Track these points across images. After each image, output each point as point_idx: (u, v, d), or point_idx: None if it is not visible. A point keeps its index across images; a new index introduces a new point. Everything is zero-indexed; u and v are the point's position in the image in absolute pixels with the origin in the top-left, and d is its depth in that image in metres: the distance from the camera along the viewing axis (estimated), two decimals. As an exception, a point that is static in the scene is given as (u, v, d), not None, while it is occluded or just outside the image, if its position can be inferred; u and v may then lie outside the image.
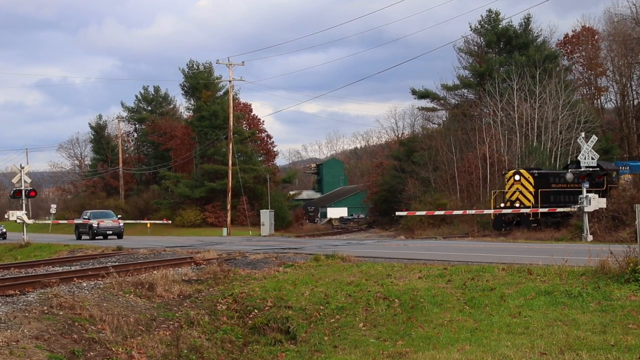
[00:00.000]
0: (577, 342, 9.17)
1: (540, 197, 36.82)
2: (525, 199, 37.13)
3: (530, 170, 38.34)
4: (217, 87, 78.18)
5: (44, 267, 20.50)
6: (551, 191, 37.80)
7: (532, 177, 37.35)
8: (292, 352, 11.69)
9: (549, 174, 39.54)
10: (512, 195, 37.86)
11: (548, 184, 38.00)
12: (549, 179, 38.49)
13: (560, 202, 37.83)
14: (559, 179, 38.83)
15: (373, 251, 22.49)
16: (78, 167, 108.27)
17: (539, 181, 37.37)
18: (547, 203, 36.73)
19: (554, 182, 38.48)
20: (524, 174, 37.72)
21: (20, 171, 36.77)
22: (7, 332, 10.56)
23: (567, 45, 66.39)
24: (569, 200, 37.79)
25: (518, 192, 37.49)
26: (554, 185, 38.26)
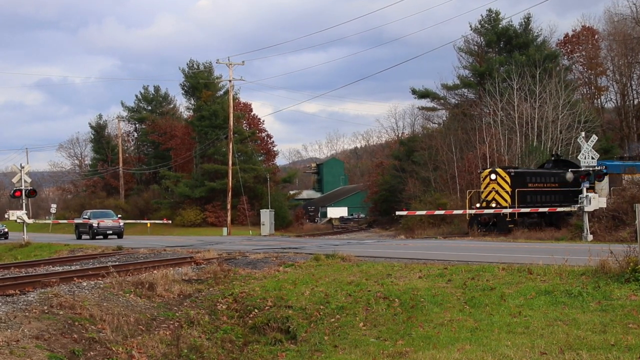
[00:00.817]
0: (577, 342, 9.17)
1: (517, 197, 35.79)
2: (501, 199, 36.01)
3: (506, 169, 37.28)
4: (217, 87, 78.16)
5: (44, 267, 20.50)
6: (528, 191, 36.83)
7: (509, 176, 36.21)
8: (292, 351, 11.70)
9: (525, 172, 38.61)
10: (487, 195, 36.72)
11: (525, 183, 36.96)
12: (526, 178, 37.46)
13: (537, 202, 36.94)
14: (536, 178, 37.97)
15: (373, 251, 22.49)
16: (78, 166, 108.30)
17: (515, 180, 36.29)
18: (523, 203, 35.81)
19: (530, 181, 37.51)
20: (500, 173, 36.56)
21: (20, 171, 36.76)
22: (7, 332, 10.57)
23: (567, 45, 66.40)
24: (546, 200, 37.25)
25: (494, 192, 36.36)
26: (531, 184, 37.31)
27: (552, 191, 37.90)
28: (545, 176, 38.61)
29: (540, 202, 36.94)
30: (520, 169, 39.75)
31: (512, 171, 36.65)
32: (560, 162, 40.52)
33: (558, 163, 40.31)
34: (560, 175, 38.21)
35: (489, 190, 36.56)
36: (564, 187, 37.73)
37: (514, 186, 35.88)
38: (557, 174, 38.53)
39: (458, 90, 65.34)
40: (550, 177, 38.63)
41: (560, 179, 38.10)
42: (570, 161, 40.83)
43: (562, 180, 37.87)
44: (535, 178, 37.83)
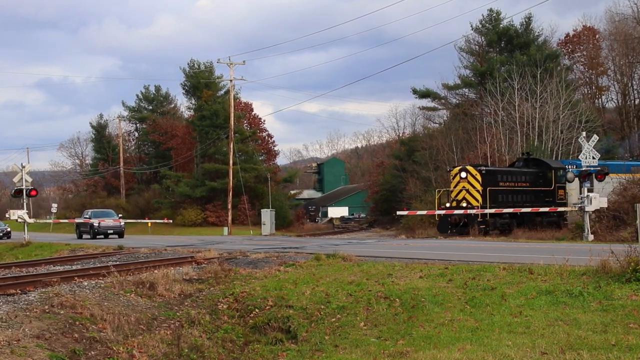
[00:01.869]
0: (578, 342, 9.17)
1: (489, 196, 34.58)
2: (472, 198, 34.73)
3: (477, 167, 35.78)
4: (218, 87, 78.17)
5: (45, 266, 20.51)
6: (499, 190, 35.65)
7: (480, 174, 34.86)
8: (293, 351, 11.70)
9: (497, 171, 37.48)
10: (458, 194, 35.35)
11: (496, 182, 35.71)
12: (497, 177, 36.21)
13: (508, 201, 35.90)
14: (507, 177, 36.81)
15: (374, 250, 22.49)
16: (79, 166, 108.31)
17: (486, 179, 35.01)
18: (495, 203, 34.70)
19: (502, 180, 36.28)
20: (471, 171, 35.11)
21: (21, 170, 36.78)
22: (8, 331, 10.57)
23: (568, 45, 66.38)
24: (518, 200, 36.28)
25: (464, 191, 34.97)
26: (502, 183, 36.11)
27: (524, 190, 37.04)
28: (517, 175, 37.53)
29: (512, 201, 35.97)
30: (492, 167, 38.85)
31: (483, 169, 35.51)
32: (530, 160, 39.63)
33: (528, 162, 39.43)
34: (532, 174, 37.67)
35: (459, 189, 35.33)
36: (535, 187, 37.28)
37: (485, 185, 34.75)
38: (529, 172, 37.88)
39: (459, 90, 65.32)
40: (522, 176, 37.63)
41: (531, 178, 37.52)
42: (541, 160, 40.26)
43: (533, 179, 37.41)
44: (506, 177, 36.74)
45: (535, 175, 37.98)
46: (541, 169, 38.45)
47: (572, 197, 38.01)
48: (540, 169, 38.41)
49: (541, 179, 38.02)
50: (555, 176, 37.92)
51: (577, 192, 37.93)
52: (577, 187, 38.05)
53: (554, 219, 37.61)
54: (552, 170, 38.07)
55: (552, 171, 38.06)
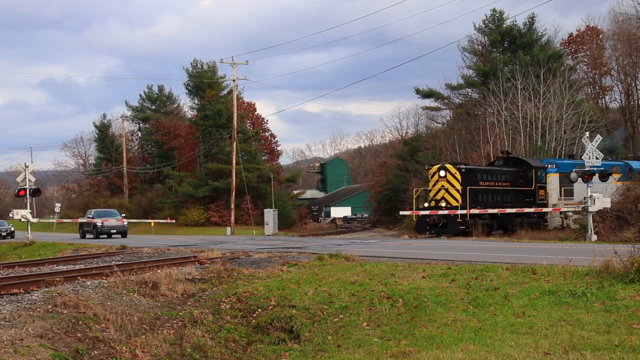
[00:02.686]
0: (581, 342, 9.16)
1: (469, 196, 33.36)
2: (451, 198, 33.48)
3: (456, 165, 34.47)
4: (221, 87, 78.19)
5: (48, 266, 20.53)
6: (479, 189, 34.50)
7: (459, 173, 33.61)
8: (295, 351, 11.70)
9: (477, 169, 36.26)
10: (436, 194, 34.02)
11: (476, 181, 34.53)
12: (477, 176, 34.97)
13: (488, 201, 34.91)
14: (487, 176, 35.69)
15: (377, 250, 22.49)
16: (82, 166, 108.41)
17: (466, 178, 33.77)
18: (475, 203, 33.64)
19: (482, 179, 35.15)
20: (450, 169, 33.80)
21: (24, 170, 36.83)
22: (11, 331, 10.59)
23: (572, 45, 66.31)
24: (499, 200, 35.42)
25: (444, 190, 33.70)
26: (482, 182, 34.99)
27: (504, 190, 36.20)
28: (497, 174, 36.51)
29: (493, 201, 35.06)
30: (471, 166, 37.52)
31: (462, 167, 34.18)
32: (510, 159, 38.76)
33: (508, 160, 38.51)
34: (512, 173, 36.90)
35: (437, 188, 34.03)
36: (515, 187, 36.57)
37: (465, 184, 33.56)
38: (509, 172, 37.05)
39: (462, 90, 65.28)
40: (502, 175, 36.68)
41: (512, 177, 36.76)
42: (521, 158, 39.56)
43: (513, 178, 36.65)
44: (486, 176, 35.62)
45: (516, 174, 37.22)
46: (521, 168, 37.64)
47: (552, 197, 37.49)
48: (520, 168, 37.61)
49: (521, 178, 37.22)
50: (536, 175, 37.09)
51: (557, 193, 37.39)
52: (557, 188, 37.51)
53: (535, 219, 36.91)
54: (532, 170, 37.17)
55: (532, 170, 37.15)
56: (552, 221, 37.71)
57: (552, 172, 38.23)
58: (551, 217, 37.55)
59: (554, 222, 37.66)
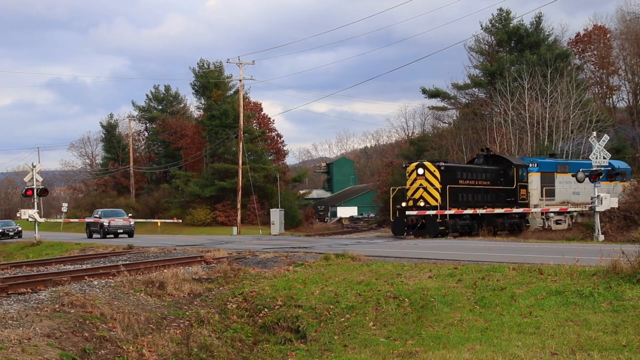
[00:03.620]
0: (588, 342, 9.14)
1: (449, 195, 32.05)
2: (430, 197, 32.04)
3: (435, 163, 32.97)
4: (227, 86, 78.29)
5: (55, 266, 20.60)
6: (459, 188, 33.14)
7: (438, 171, 32.20)
8: (302, 351, 11.70)
9: (456, 167, 34.76)
10: (414, 193, 32.55)
11: (456, 179, 33.11)
12: (457, 174, 33.50)
13: (468, 201, 33.56)
14: (467, 174, 34.21)
15: (383, 250, 22.47)
16: (89, 165, 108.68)
17: (445, 176, 32.38)
18: (455, 202, 32.42)
19: (462, 177, 33.68)
20: (429, 167, 32.41)
21: (32, 170, 36.94)
22: (19, 330, 10.62)
23: (579, 44, 66.15)
24: (479, 200, 34.18)
25: (422, 189, 32.25)
26: (462, 181, 33.57)
27: (485, 189, 34.87)
28: (477, 172, 35.14)
29: (473, 201, 33.75)
30: (451, 163, 36.12)
31: (442, 165, 32.77)
32: (491, 157, 37.41)
33: (489, 158, 37.12)
34: (493, 171, 35.69)
35: (415, 187, 32.62)
36: (496, 186, 35.36)
37: (444, 182, 32.22)
38: (489, 170, 35.74)
39: (468, 90, 65.24)
40: (482, 174, 35.29)
41: (492, 175, 35.52)
42: (502, 156, 38.46)
43: (494, 177, 35.47)
44: (466, 174, 34.20)
45: (497, 173, 35.93)
46: (502, 166, 36.39)
47: (533, 197, 36.61)
48: (501, 167, 36.34)
49: (502, 177, 35.95)
50: (517, 174, 35.85)
51: (538, 193, 36.57)
52: (538, 187, 36.69)
53: (516, 220, 35.74)
54: (513, 168, 35.89)
55: (513, 169, 35.88)
56: (533, 222, 36.62)
57: (534, 171, 37.12)
58: (532, 219, 36.46)
59: (536, 223, 36.54)
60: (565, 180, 37.76)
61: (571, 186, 37.45)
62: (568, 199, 38.09)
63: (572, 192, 38.22)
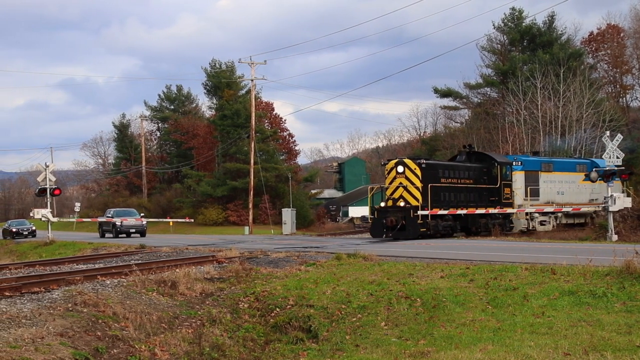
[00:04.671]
0: (601, 343, 9.09)
1: (430, 194, 30.15)
2: (410, 197, 30.11)
3: (416, 160, 31.10)
4: (239, 86, 78.39)
5: (68, 265, 20.69)
6: (441, 187, 31.29)
7: (419, 169, 30.33)
8: (313, 350, 11.70)
9: (438, 165, 33.00)
10: (394, 192, 30.59)
11: (437, 177, 31.26)
12: (439, 172, 31.70)
13: (450, 201, 31.78)
14: (449, 173, 32.33)
15: (395, 250, 22.43)
16: (102, 165, 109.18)
17: (427, 174, 30.54)
18: (436, 202, 30.62)
19: (444, 175, 31.84)
20: (410, 165, 30.48)
21: (45, 170, 37.14)
22: (32, 329, 10.68)
23: (592, 43, 65.82)
24: (462, 199, 32.46)
25: (402, 188, 30.25)
26: (444, 179, 31.73)
27: (467, 188, 33.01)
28: (460, 170, 33.19)
29: (455, 201, 31.98)
30: (432, 161, 34.48)
31: (423, 163, 30.83)
32: (473, 154, 35.58)
33: (471, 155, 35.27)
34: (476, 169, 34.02)
35: (395, 185, 30.61)
36: (479, 184, 33.60)
37: (426, 181, 30.31)
38: (472, 168, 33.92)
39: (481, 89, 65.12)
40: (465, 172, 33.36)
41: (475, 174, 33.79)
42: (485, 153, 36.85)
43: (477, 175, 33.73)
44: (448, 172, 32.36)
45: (480, 170, 34.11)
46: (485, 164, 34.63)
47: (517, 197, 35.09)
48: (484, 164, 34.57)
49: (486, 175, 34.13)
50: (501, 172, 34.08)
51: (522, 192, 35.02)
52: (522, 187, 35.17)
53: (500, 220, 34.00)
54: (497, 166, 34.16)
55: (497, 166, 34.14)
56: (517, 223, 34.97)
57: (518, 169, 35.55)
58: (516, 219, 34.93)
59: (520, 224, 34.97)
60: (549, 180, 36.68)
61: (555, 185, 36.45)
62: (552, 199, 36.70)
63: (556, 192, 36.87)
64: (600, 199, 37.17)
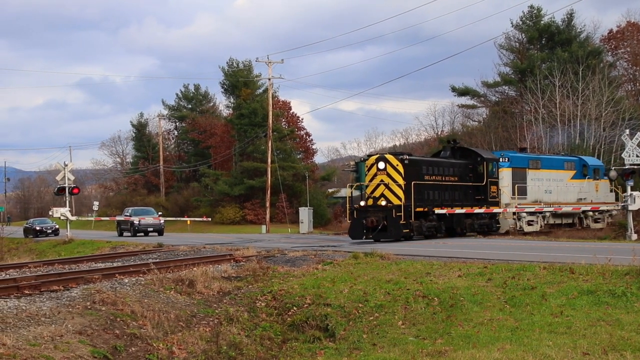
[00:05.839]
0: (621, 343, 9.02)
1: (414, 192, 28.16)
2: (392, 195, 28.18)
3: (398, 156, 28.97)
4: (256, 85, 78.45)
5: (86, 264, 20.83)
6: (425, 184, 29.36)
7: (402, 165, 28.40)
8: (330, 349, 11.71)
9: (421, 161, 31.19)
10: (375, 190, 28.70)
11: (421, 174, 29.34)
12: (422, 168, 29.71)
13: (435, 199, 29.83)
14: (433, 169, 30.39)
15: (412, 249, 22.38)
16: (120, 164, 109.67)
17: (410, 171, 28.59)
18: (420, 201, 28.70)
19: (427, 172, 29.88)
20: (391, 161, 28.52)
21: (64, 169, 37.41)
22: (51, 327, 10.76)
23: (612, 41, 65.22)
24: (447, 198, 30.53)
25: (383, 186, 28.34)
26: (428, 177, 29.78)
27: (452, 186, 31.05)
28: (444, 167, 31.22)
29: (440, 199, 30.09)
30: (415, 156, 32.39)
31: (405, 158, 28.79)
32: (458, 150, 33.42)
33: (455, 151, 33.13)
34: (461, 166, 32.06)
35: (376, 183, 28.75)
36: (465, 182, 31.67)
37: (409, 178, 28.36)
38: (457, 164, 32.01)
39: (498, 88, 64.76)
40: (450, 168, 31.42)
41: (460, 170, 31.86)
42: (471, 149, 34.84)
43: (462, 172, 31.86)
44: (432, 169, 30.38)
45: (465, 167, 32.22)
46: (471, 160, 32.59)
47: (504, 195, 33.25)
48: (470, 161, 32.56)
49: (471, 172, 32.19)
50: (487, 169, 32.04)
51: (510, 190, 33.38)
52: (509, 185, 33.49)
53: (486, 221, 32.16)
54: (483, 162, 32.15)
55: (483, 163, 32.14)
56: (504, 223, 33.17)
57: (505, 166, 33.64)
58: (503, 219, 33.07)
59: (506, 225, 33.16)
60: (537, 177, 35.10)
61: (543, 184, 35.05)
62: (540, 198, 35.05)
63: (544, 191, 35.34)
64: (589, 198, 36.58)
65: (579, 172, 36.97)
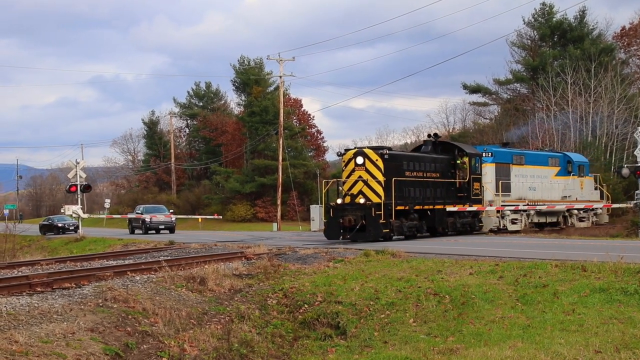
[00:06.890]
0: (633, 341, 8.98)
1: (394, 189, 26.75)
2: (371, 193, 26.68)
3: (378, 151, 27.27)
4: (267, 83, 78.51)
5: (98, 261, 20.90)
6: (405, 181, 27.82)
7: (382, 160, 26.83)
8: (342, 347, 11.71)
9: (402, 156, 29.56)
10: (352, 187, 27.10)
11: (401, 170, 27.81)
12: (403, 164, 28.19)
13: (416, 197, 28.34)
14: (414, 165, 28.84)
15: (423, 247, 22.35)
16: (131, 162, 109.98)
17: (390, 167, 27.08)
18: (401, 199, 27.28)
19: (408, 168, 28.35)
20: (370, 156, 26.96)
21: (75, 166, 37.55)
22: (63, 324, 10.81)
23: (624, 38, 64.77)
24: (428, 195, 29.03)
25: (362, 183, 26.85)
26: (409, 173, 28.23)
27: (434, 182, 29.48)
28: (425, 162, 29.67)
29: (421, 197, 28.62)
30: (395, 151, 30.74)
31: (385, 153, 27.10)
32: (439, 144, 32.00)
33: (437, 146, 31.66)
34: (443, 161, 30.65)
35: (354, 179, 27.15)
36: (446, 178, 30.20)
37: (389, 174, 26.86)
38: (439, 159, 30.54)
39: (510, 85, 64.54)
40: (431, 164, 29.86)
41: (442, 166, 30.41)
42: (452, 144, 33.38)
43: (444, 168, 30.44)
44: (413, 164, 28.84)
45: (447, 163, 30.79)
46: (453, 155, 31.28)
47: (487, 192, 31.96)
48: (452, 156, 31.21)
49: (453, 167, 30.88)
50: (470, 165, 30.71)
51: (493, 187, 32.26)
52: (492, 181, 32.36)
53: (468, 219, 31.02)
54: (466, 158, 30.96)
55: (466, 158, 30.93)
56: (487, 222, 32.00)
57: (488, 161, 32.39)
58: (486, 217, 31.93)
59: (490, 223, 31.97)
60: (521, 174, 34.05)
61: (527, 180, 34.01)
62: (524, 195, 33.98)
63: (528, 188, 34.26)
64: (573, 196, 35.88)
65: (564, 169, 36.24)
